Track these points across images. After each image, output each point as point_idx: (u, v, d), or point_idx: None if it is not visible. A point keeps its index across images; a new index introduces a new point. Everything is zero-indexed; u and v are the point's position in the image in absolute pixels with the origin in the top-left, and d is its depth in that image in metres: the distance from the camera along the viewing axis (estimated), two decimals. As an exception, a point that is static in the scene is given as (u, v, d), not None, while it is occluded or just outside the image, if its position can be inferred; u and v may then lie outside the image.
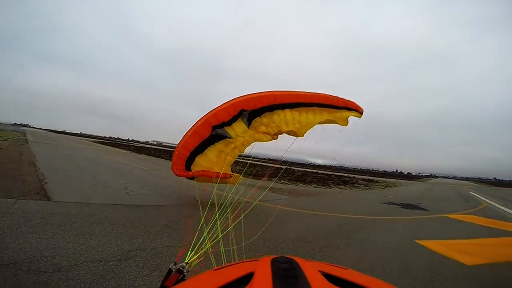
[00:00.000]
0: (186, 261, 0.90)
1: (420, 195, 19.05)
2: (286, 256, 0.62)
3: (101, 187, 7.42)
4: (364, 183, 26.95)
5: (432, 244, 5.12)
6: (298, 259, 0.59)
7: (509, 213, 11.38)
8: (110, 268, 2.81)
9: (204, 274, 0.64)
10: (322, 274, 0.54)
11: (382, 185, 27.18)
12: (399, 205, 11.59)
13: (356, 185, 23.39)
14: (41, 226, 3.79)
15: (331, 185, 19.75)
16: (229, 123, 6.58)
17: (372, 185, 25.41)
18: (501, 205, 14.69)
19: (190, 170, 6.62)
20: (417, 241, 5.31)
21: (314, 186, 17.60)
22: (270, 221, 5.03)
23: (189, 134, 6.56)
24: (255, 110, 6.61)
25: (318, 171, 42.12)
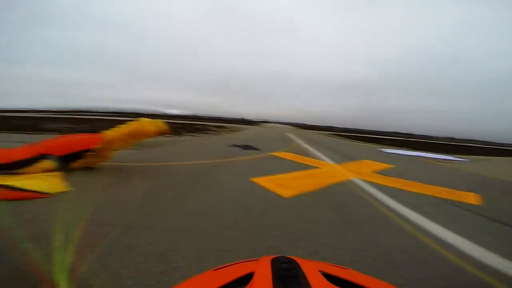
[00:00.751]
0: None
1: (255, 137, 23.09)
2: (286, 256, 0.62)
3: None
4: (215, 130, 29.37)
5: (262, 181, 6.24)
6: (298, 259, 0.59)
7: (308, 149, 15.97)
8: None
9: (204, 274, 0.64)
10: (322, 274, 0.54)
11: (230, 130, 30.75)
12: (240, 146, 13.56)
13: (207, 131, 25.01)
14: None
15: (184, 134, 20.01)
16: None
17: (222, 131, 28.16)
18: (305, 143, 20.46)
19: None
20: (252, 179, 6.32)
21: (166, 136, 17.23)
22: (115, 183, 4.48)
23: None
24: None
25: (173, 121, 41.20)
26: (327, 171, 8.95)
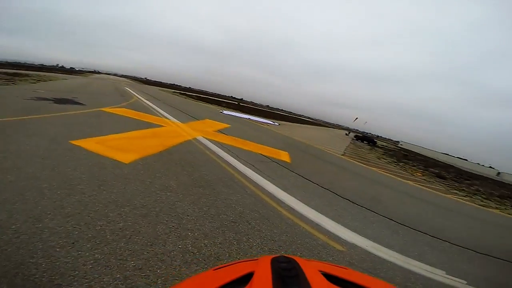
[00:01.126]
0: None
1: (78, 89, 18.03)
2: (286, 255, 0.61)
3: None
4: (8, 78, 20.08)
5: (88, 144, 4.76)
6: (298, 259, 0.60)
7: (150, 106, 14.42)
8: None
9: (204, 273, 0.64)
10: (322, 274, 0.54)
11: (34, 79, 22.10)
12: (52, 100, 9.81)
13: (-10, 79, 16.64)
14: None
15: None
16: None
17: (19, 80, 19.66)
18: (145, 99, 18.39)
19: None
20: (73, 142, 4.68)
21: None
22: None
23: None
24: None
25: None
26: (173, 129, 8.43)
